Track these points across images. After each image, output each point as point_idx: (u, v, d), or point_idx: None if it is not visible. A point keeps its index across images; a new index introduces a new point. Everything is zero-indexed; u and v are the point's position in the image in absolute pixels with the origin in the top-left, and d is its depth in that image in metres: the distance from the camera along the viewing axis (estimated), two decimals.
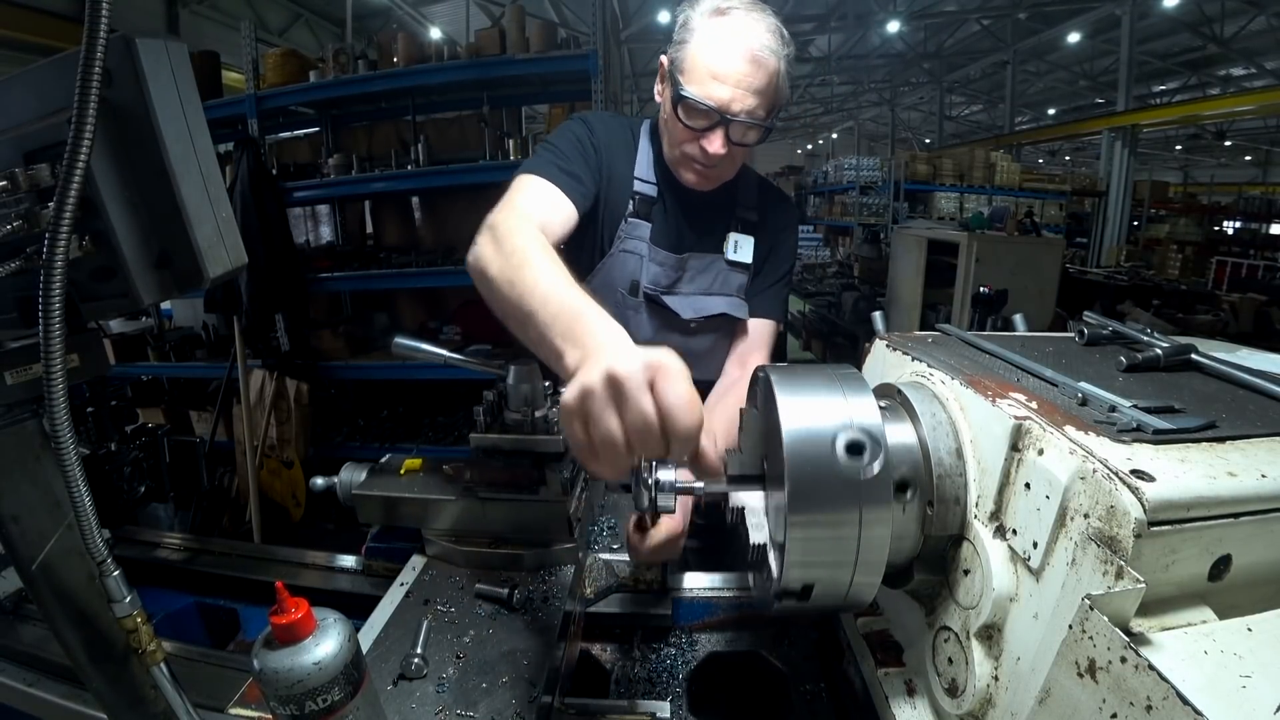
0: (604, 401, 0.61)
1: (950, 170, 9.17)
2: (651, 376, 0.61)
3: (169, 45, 0.63)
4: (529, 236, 0.96)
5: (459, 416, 4.41)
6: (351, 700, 0.65)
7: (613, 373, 0.60)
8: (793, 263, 1.56)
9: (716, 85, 1.17)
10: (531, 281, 0.84)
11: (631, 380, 0.60)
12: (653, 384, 0.60)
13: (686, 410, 0.60)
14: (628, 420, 0.60)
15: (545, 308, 0.78)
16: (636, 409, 0.60)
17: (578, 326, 0.73)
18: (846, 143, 24.83)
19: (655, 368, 0.61)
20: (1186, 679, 0.44)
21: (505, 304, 0.88)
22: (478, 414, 1.12)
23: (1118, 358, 0.84)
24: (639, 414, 0.60)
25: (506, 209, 1.10)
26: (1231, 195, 16.06)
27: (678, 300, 1.42)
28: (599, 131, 1.36)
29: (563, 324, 0.74)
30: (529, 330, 0.80)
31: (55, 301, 0.54)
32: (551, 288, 0.81)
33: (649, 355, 0.62)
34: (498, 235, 0.98)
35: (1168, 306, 6.63)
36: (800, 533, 0.63)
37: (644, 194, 1.38)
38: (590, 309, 0.75)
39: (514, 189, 1.20)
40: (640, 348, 0.64)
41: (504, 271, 0.90)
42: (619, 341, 0.68)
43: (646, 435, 0.60)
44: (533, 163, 1.26)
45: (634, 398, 0.60)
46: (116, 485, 1.03)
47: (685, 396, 0.61)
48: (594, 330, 0.71)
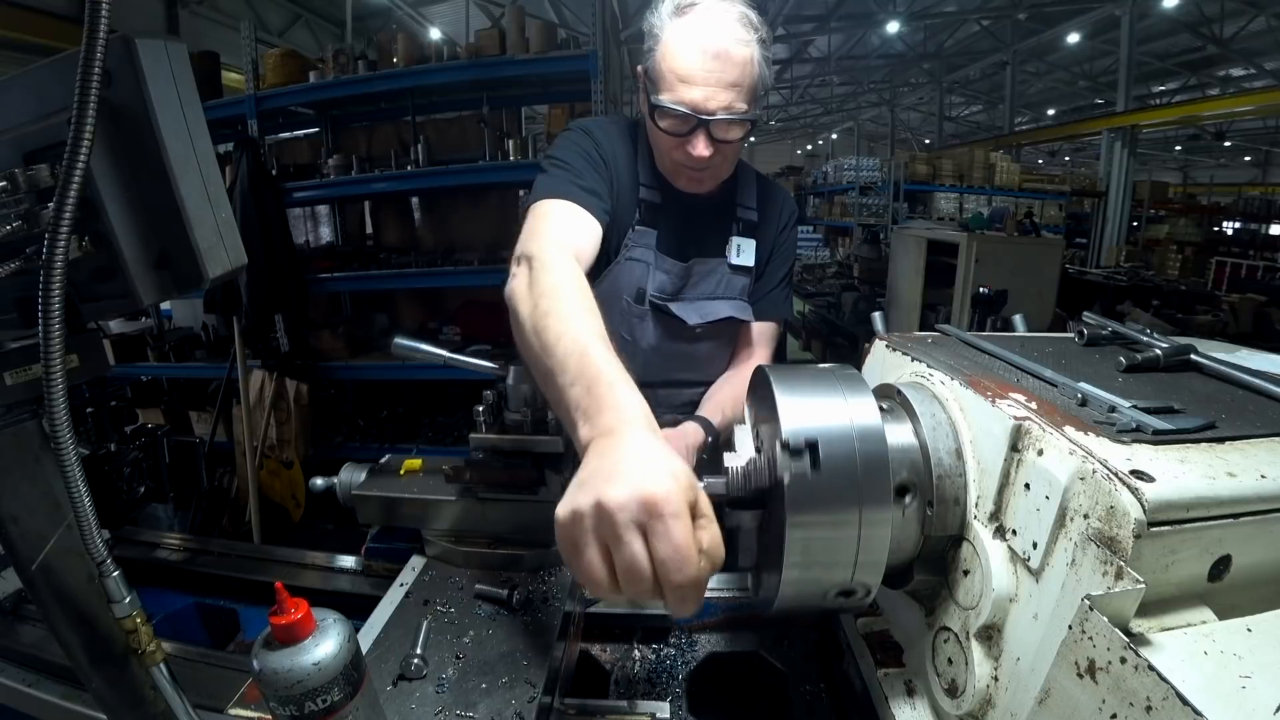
0: (591, 535, 0.55)
1: (950, 171, 9.17)
2: (644, 517, 0.54)
3: (169, 45, 0.63)
4: (563, 274, 0.92)
5: (459, 416, 4.41)
6: (351, 701, 0.65)
7: (603, 504, 0.54)
8: (794, 261, 1.55)
9: (686, 88, 1.14)
10: (555, 333, 0.79)
11: (619, 519, 0.54)
12: (645, 529, 0.54)
13: (680, 563, 0.53)
14: (616, 562, 0.55)
15: (565, 369, 0.74)
16: (624, 554, 0.54)
17: (592, 398, 0.68)
18: (846, 143, 24.84)
19: (649, 506, 0.54)
20: (1186, 679, 0.44)
21: (530, 355, 0.85)
22: (477, 414, 1.12)
23: (1117, 358, 0.84)
24: (627, 559, 0.54)
25: (539, 239, 1.06)
26: (1231, 196, 16.06)
27: (683, 307, 1.41)
28: (603, 142, 1.33)
29: (578, 391, 0.70)
30: (549, 390, 0.78)
31: (55, 302, 0.54)
32: (574, 344, 0.76)
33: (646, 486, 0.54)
34: (533, 270, 0.94)
35: (1167, 307, 6.64)
36: (800, 533, 0.63)
37: (650, 201, 1.36)
38: (608, 376, 0.70)
39: (541, 215, 1.16)
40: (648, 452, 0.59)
41: (531, 317, 0.86)
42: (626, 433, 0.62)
43: (636, 581, 0.54)
44: (550, 185, 1.22)
45: (624, 540, 0.54)
46: (116, 486, 1.03)
47: (679, 546, 0.53)
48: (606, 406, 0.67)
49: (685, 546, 0.54)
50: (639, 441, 0.61)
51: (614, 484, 0.55)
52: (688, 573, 0.53)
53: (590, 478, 0.58)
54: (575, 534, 0.57)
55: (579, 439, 0.67)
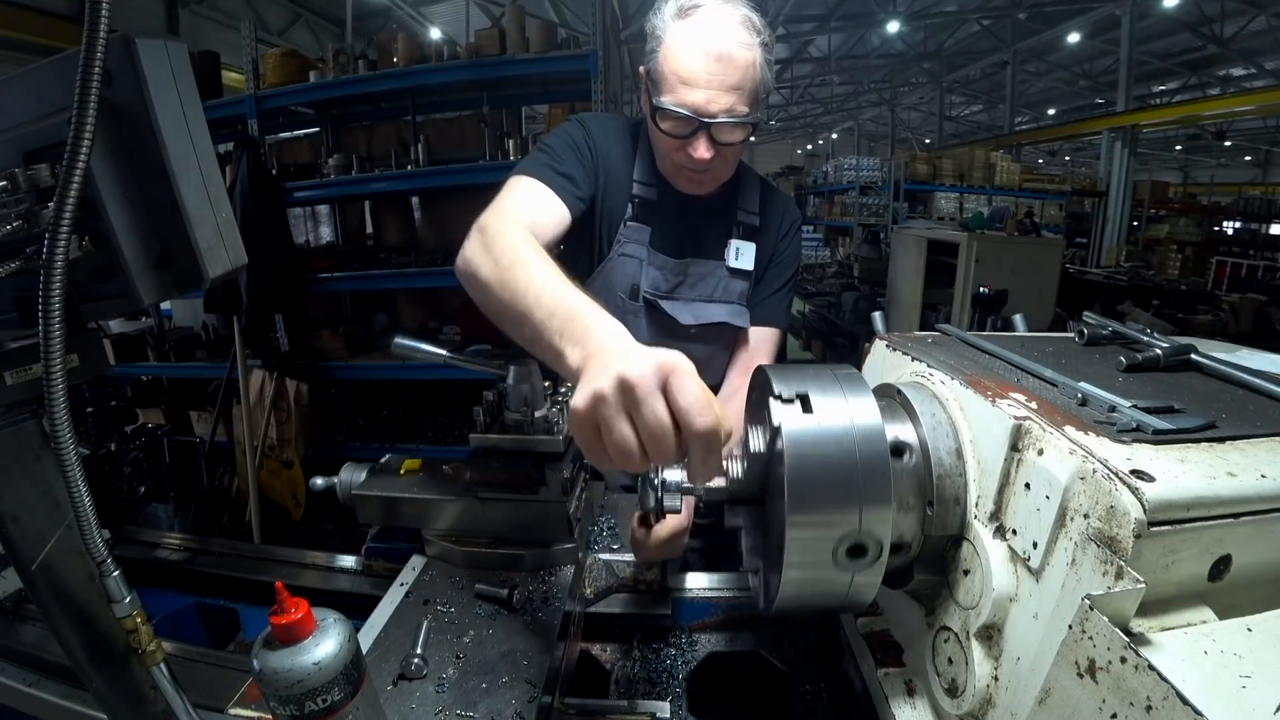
0: (616, 408, 0.59)
1: (950, 170, 9.16)
2: (664, 379, 0.59)
3: (169, 45, 0.63)
4: (517, 236, 0.96)
5: (459, 416, 4.42)
6: (351, 700, 0.65)
7: (624, 377, 0.58)
8: (797, 267, 1.54)
9: (688, 90, 1.14)
10: (524, 281, 0.83)
11: (644, 384, 0.58)
12: (665, 387, 0.59)
13: (702, 411, 0.58)
14: (642, 426, 0.58)
15: (540, 306, 0.77)
16: (651, 414, 0.58)
17: (575, 324, 0.71)
18: (846, 143, 24.84)
19: (667, 369, 0.59)
20: (1186, 679, 0.44)
21: (498, 305, 0.87)
22: (477, 414, 1.12)
23: (1117, 358, 0.84)
24: (654, 420, 0.58)
25: (496, 211, 1.09)
26: (1231, 195, 16.07)
27: (677, 306, 1.40)
28: (596, 133, 1.34)
29: (559, 322, 0.73)
30: (524, 330, 0.80)
31: (55, 301, 0.54)
32: (544, 286, 0.80)
33: (659, 356, 0.60)
34: (486, 237, 0.97)
35: (1167, 307, 6.64)
36: (800, 532, 0.63)
37: (644, 197, 1.36)
38: (586, 305, 0.74)
39: (505, 190, 1.18)
40: (645, 347, 0.63)
41: (494, 272, 0.89)
42: (621, 339, 0.67)
43: (662, 441, 0.58)
44: (526, 164, 1.25)
45: (648, 403, 0.58)
46: (116, 485, 1.03)
47: (700, 397, 0.59)
48: (593, 327, 0.70)
49: (705, 397, 0.59)
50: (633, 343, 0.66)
51: (628, 361, 0.60)
52: (710, 420, 0.58)
53: (601, 368, 0.61)
54: (600, 412, 0.59)
55: (568, 366, 0.69)
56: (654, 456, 0.59)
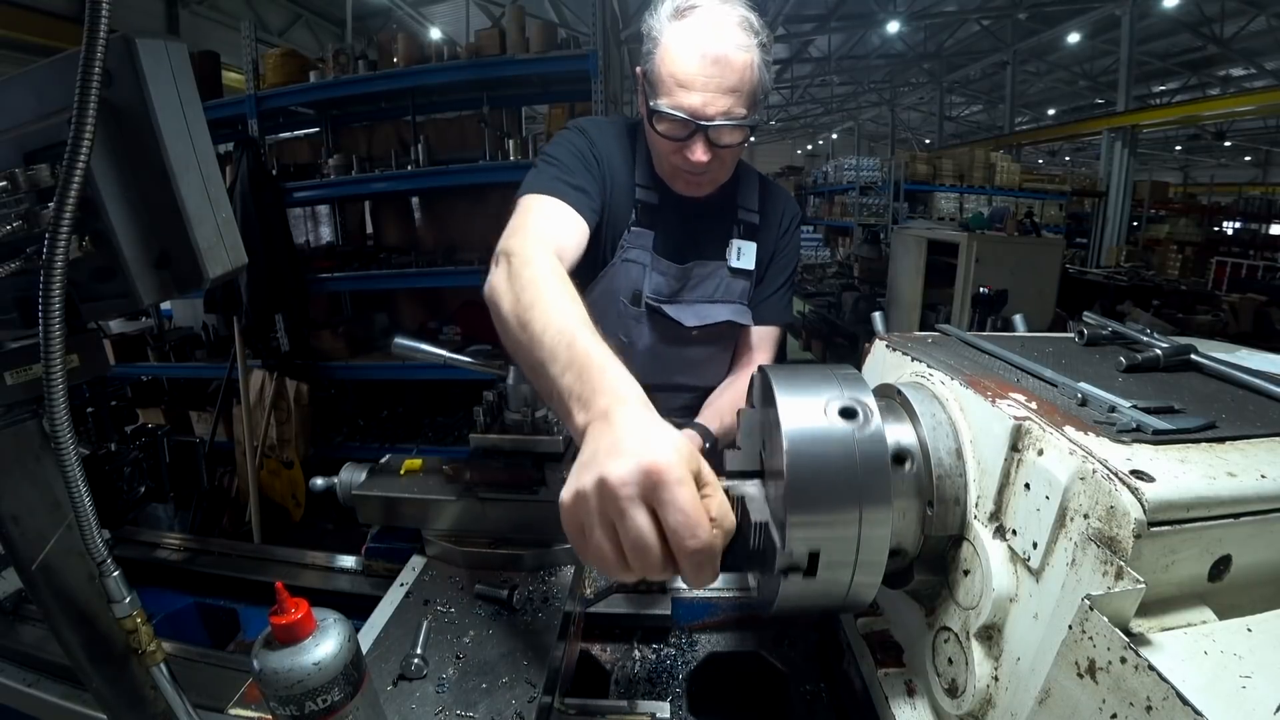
0: (596, 515, 0.55)
1: (950, 170, 9.16)
2: (648, 489, 0.53)
3: (169, 45, 0.63)
4: (543, 267, 0.91)
5: (459, 416, 4.42)
6: (351, 700, 0.65)
7: (605, 482, 0.54)
8: (797, 264, 1.53)
9: (685, 93, 1.13)
10: (541, 324, 0.79)
11: (624, 493, 0.53)
12: (650, 500, 0.54)
13: (689, 531, 0.53)
14: (624, 538, 0.54)
15: (554, 359, 0.73)
16: (633, 528, 0.53)
17: (584, 384, 0.67)
18: (846, 143, 24.84)
19: (654, 479, 0.53)
20: (1186, 679, 0.44)
21: (516, 348, 0.84)
22: (478, 414, 1.12)
23: (1117, 358, 0.84)
24: (635, 535, 0.53)
25: (519, 235, 1.05)
26: (1231, 196, 16.06)
27: (680, 309, 1.40)
28: (598, 140, 1.32)
29: (570, 379, 0.69)
30: (538, 381, 0.77)
31: (55, 301, 0.54)
32: (561, 332, 0.75)
33: (647, 459, 0.54)
34: (512, 266, 0.93)
35: (1167, 307, 6.64)
36: (800, 533, 0.63)
37: (646, 201, 1.35)
38: (599, 360, 0.69)
39: (524, 211, 1.15)
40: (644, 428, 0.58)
41: (514, 310, 0.85)
42: (623, 412, 0.61)
43: (646, 556, 0.54)
44: (537, 181, 1.21)
45: (628, 515, 0.53)
46: (116, 485, 1.03)
47: (690, 514, 0.53)
48: (601, 390, 0.66)
49: (694, 512, 0.53)
50: (636, 418, 0.60)
51: (615, 460, 0.55)
52: (701, 538, 0.53)
53: (590, 459, 0.57)
54: (580, 516, 0.56)
55: (575, 426, 0.66)
56: (637, 570, 0.55)
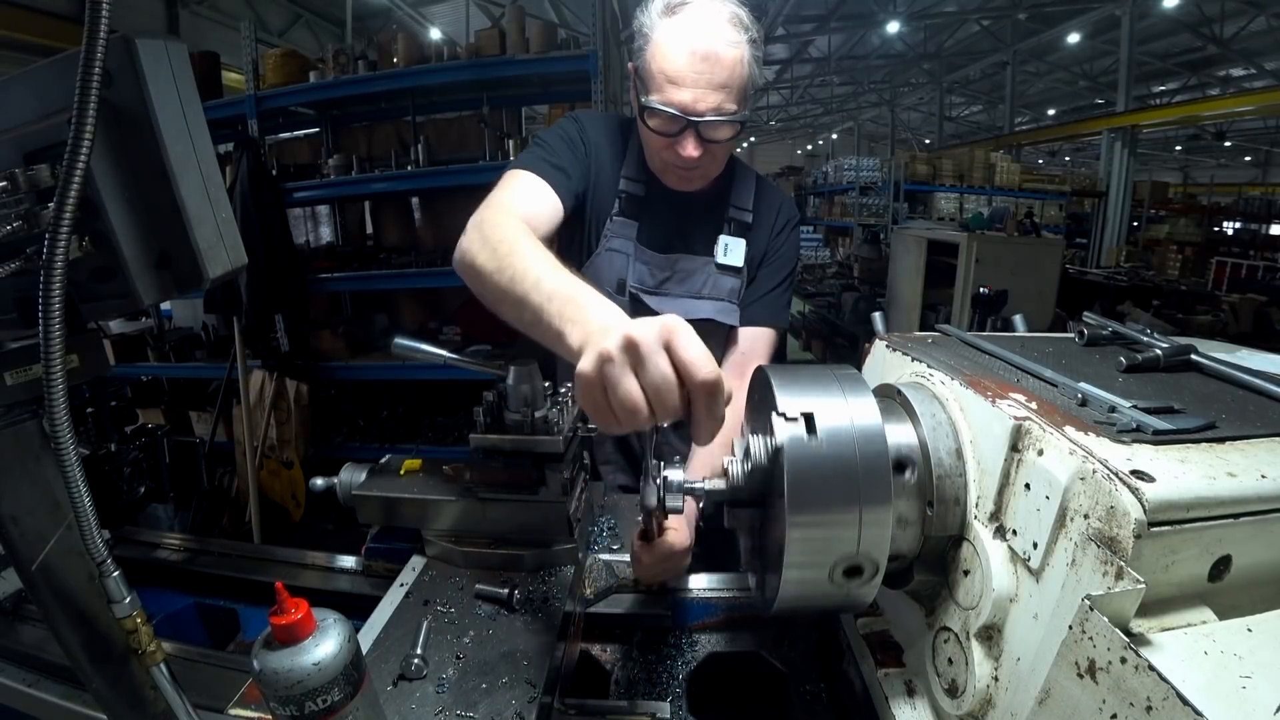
0: (622, 365, 0.62)
1: (950, 171, 9.16)
2: (666, 338, 0.62)
3: (169, 45, 0.63)
4: (514, 228, 0.98)
5: (459, 417, 4.41)
6: (351, 701, 0.65)
7: (629, 336, 0.62)
8: (794, 266, 1.51)
9: (675, 89, 1.14)
10: (522, 267, 0.85)
11: (648, 341, 0.61)
12: (668, 344, 0.62)
13: (703, 360, 0.61)
14: (646, 380, 0.61)
15: (539, 290, 0.79)
16: (655, 369, 0.61)
17: (575, 306, 0.74)
18: (846, 143, 24.84)
19: (670, 328, 0.62)
20: (1186, 679, 0.44)
21: (497, 291, 0.88)
22: (478, 414, 1.12)
23: (1118, 358, 0.84)
24: (658, 373, 0.61)
25: (492, 205, 1.11)
26: (1231, 196, 16.05)
27: (664, 301, 1.39)
28: (590, 130, 1.36)
29: (558, 304, 0.75)
30: (524, 313, 0.81)
31: (55, 302, 0.54)
32: (542, 271, 0.82)
33: (661, 318, 0.64)
34: (484, 230, 0.98)
35: (1167, 307, 6.64)
36: (800, 533, 0.63)
37: (631, 193, 1.36)
38: (585, 289, 0.76)
39: (501, 185, 1.20)
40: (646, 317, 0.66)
41: (492, 259, 0.90)
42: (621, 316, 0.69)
43: (667, 394, 0.61)
44: (521, 158, 1.27)
45: (652, 358, 0.61)
46: (116, 485, 1.03)
47: (700, 350, 0.62)
48: (593, 308, 0.72)
49: (706, 352, 0.62)
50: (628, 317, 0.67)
51: (632, 325, 0.63)
52: (713, 372, 0.61)
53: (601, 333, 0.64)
54: (605, 371, 0.62)
55: (569, 346, 0.71)
56: (658, 410, 0.62)
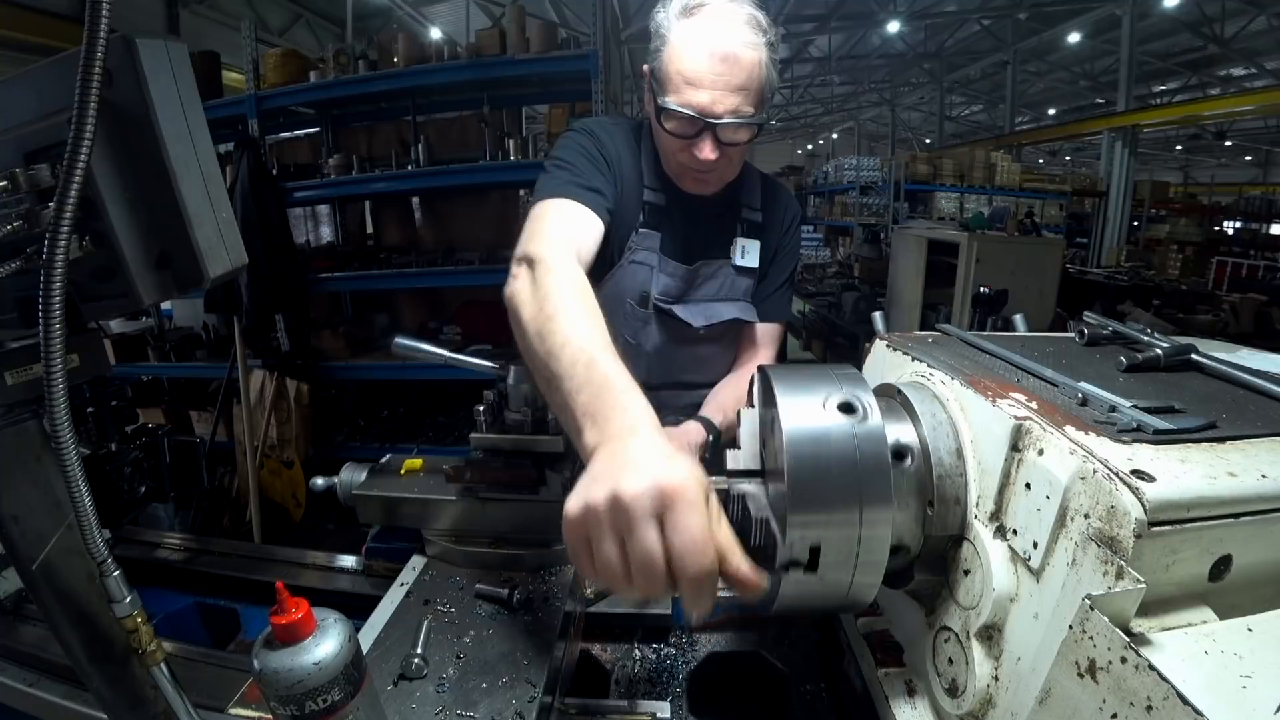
0: (606, 527, 0.56)
1: (950, 170, 9.17)
2: (661, 508, 0.54)
3: (169, 45, 0.63)
4: (565, 275, 0.91)
5: (459, 416, 4.41)
6: (351, 700, 0.65)
7: (619, 496, 0.55)
8: (797, 262, 1.54)
9: (694, 91, 1.13)
10: (561, 340, 0.78)
11: (637, 510, 0.54)
12: (661, 518, 0.55)
13: (696, 553, 0.54)
14: (630, 554, 0.55)
15: (571, 375, 0.73)
16: (640, 545, 0.54)
17: (600, 403, 0.68)
18: (846, 143, 24.84)
19: (667, 498, 0.54)
20: (1187, 679, 0.44)
21: (533, 359, 0.83)
22: (478, 414, 1.12)
23: (1118, 358, 0.84)
24: (643, 551, 0.54)
25: (540, 239, 1.05)
26: (1232, 195, 16.06)
27: (688, 309, 1.40)
28: (606, 141, 1.32)
29: (586, 397, 0.69)
30: (553, 395, 0.77)
31: (55, 301, 0.54)
32: (580, 348, 0.75)
33: (663, 478, 0.55)
34: (535, 273, 0.92)
35: (1168, 306, 6.65)
36: (801, 533, 0.63)
37: (654, 203, 1.35)
38: (617, 381, 0.70)
39: (540, 216, 1.14)
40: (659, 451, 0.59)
41: (535, 320, 0.85)
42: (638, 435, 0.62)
43: (650, 575, 0.54)
44: (552, 185, 1.21)
45: (638, 532, 0.54)
46: (116, 485, 1.03)
47: (697, 538, 0.54)
48: (616, 412, 0.66)
49: (702, 538, 0.54)
50: (651, 441, 0.61)
51: (630, 476, 0.56)
52: (704, 565, 0.54)
53: (603, 473, 0.58)
54: (588, 527, 0.57)
55: (584, 445, 0.66)
56: (640, 588, 0.56)
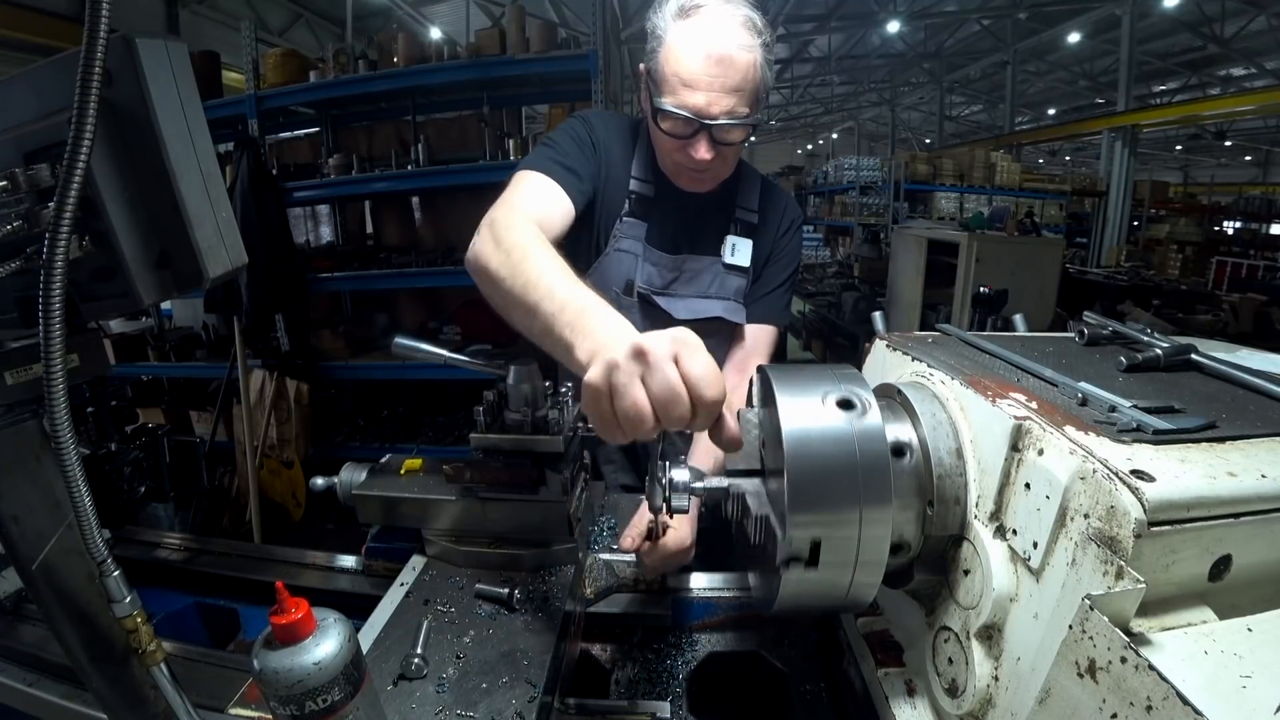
0: (630, 374, 0.63)
1: (950, 170, 9.17)
2: (675, 350, 0.63)
3: (169, 45, 0.63)
4: (527, 231, 0.98)
5: (459, 416, 4.41)
6: (351, 700, 0.65)
7: (639, 346, 0.63)
8: (796, 266, 1.54)
9: (689, 92, 1.14)
10: (535, 274, 0.85)
11: (657, 352, 0.62)
12: (676, 357, 0.62)
13: (711, 379, 0.62)
14: (654, 390, 0.62)
15: (551, 300, 0.79)
16: (663, 378, 0.62)
17: (585, 319, 0.74)
18: (846, 143, 24.83)
19: (678, 341, 0.63)
20: (1186, 679, 0.44)
21: (508, 297, 0.88)
22: (478, 414, 1.12)
23: (1118, 358, 0.84)
24: (665, 383, 0.61)
25: (504, 206, 1.11)
26: (1231, 195, 16.06)
27: (672, 301, 1.40)
28: (599, 130, 1.35)
29: (570, 315, 0.76)
30: (534, 322, 0.81)
31: (55, 301, 0.54)
32: (555, 280, 0.82)
33: (671, 331, 0.65)
34: (496, 231, 0.99)
35: (1168, 306, 6.65)
36: (801, 533, 0.63)
37: (640, 193, 1.37)
38: (596, 302, 0.77)
39: (512, 185, 1.20)
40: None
41: (504, 265, 0.91)
42: (630, 330, 0.70)
43: (673, 404, 0.62)
44: (531, 159, 1.26)
45: (660, 368, 0.62)
46: (116, 485, 1.03)
47: (709, 366, 0.63)
48: (604, 323, 0.73)
49: (712, 364, 0.63)
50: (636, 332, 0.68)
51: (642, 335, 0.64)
52: (718, 384, 0.63)
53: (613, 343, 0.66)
54: (614, 379, 0.63)
55: (577, 358, 0.71)
56: (665, 420, 0.63)
